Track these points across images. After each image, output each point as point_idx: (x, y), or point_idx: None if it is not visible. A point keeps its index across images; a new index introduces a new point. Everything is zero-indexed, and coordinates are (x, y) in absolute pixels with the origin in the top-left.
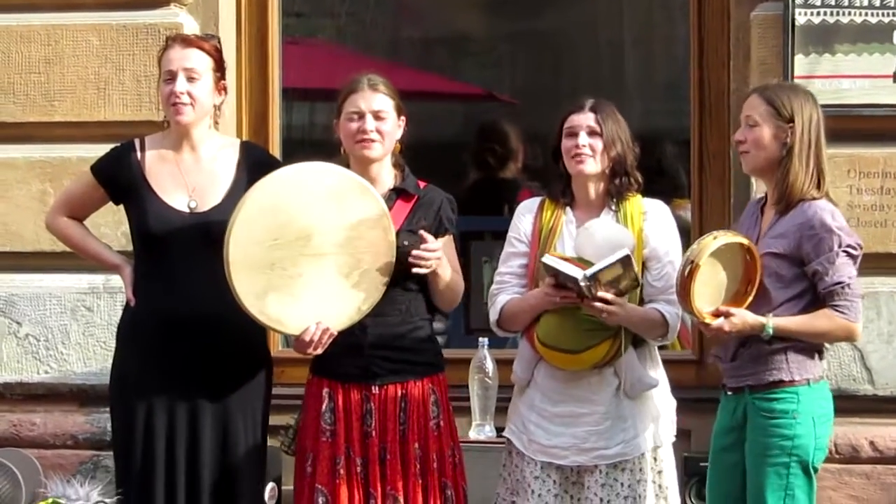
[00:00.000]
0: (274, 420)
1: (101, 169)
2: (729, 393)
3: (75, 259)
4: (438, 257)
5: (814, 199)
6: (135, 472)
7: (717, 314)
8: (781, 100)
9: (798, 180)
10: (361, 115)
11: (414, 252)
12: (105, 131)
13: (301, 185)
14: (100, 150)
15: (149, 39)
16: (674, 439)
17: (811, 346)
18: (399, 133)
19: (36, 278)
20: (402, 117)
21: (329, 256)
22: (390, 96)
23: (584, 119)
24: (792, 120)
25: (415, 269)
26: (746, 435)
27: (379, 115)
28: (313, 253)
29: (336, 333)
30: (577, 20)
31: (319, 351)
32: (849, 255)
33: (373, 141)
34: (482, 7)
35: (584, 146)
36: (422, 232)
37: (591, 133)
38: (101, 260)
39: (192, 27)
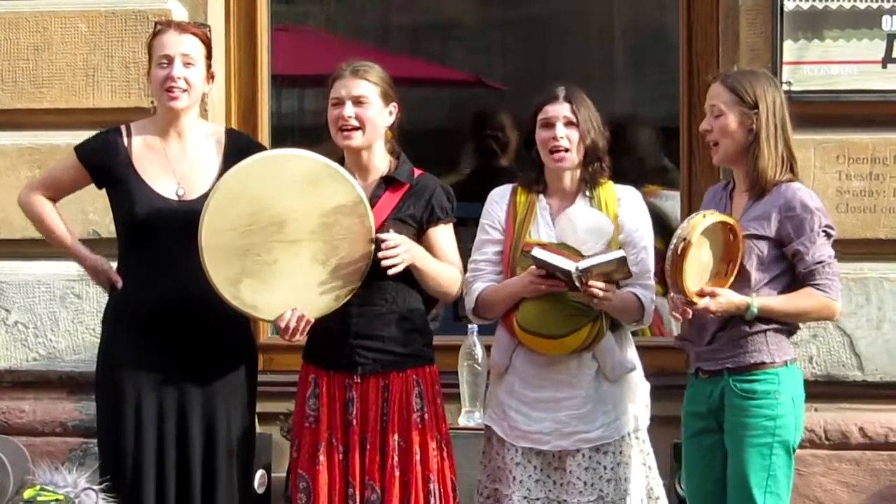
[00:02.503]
0: (265, 407)
1: (86, 152)
2: (703, 376)
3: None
4: (406, 250)
5: (790, 181)
6: (124, 459)
7: (701, 294)
8: (744, 86)
9: (769, 166)
10: (341, 102)
11: (379, 255)
12: (93, 118)
13: (273, 171)
14: (88, 136)
15: (137, 26)
16: (646, 426)
17: (787, 328)
18: (389, 120)
19: (25, 265)
20: (393, 104)
21: (304, 243)
22: (375, 83)
23: (560, 109)
24: (756, 106)
25: (389, 272)
26: (725, 416)
27: (360, 100)
28: (287, 240)
29: (313, 320)
30: (567, 6)
31: (298, 338)
32: (827, 234)
33: (352, 128)
34: None
35: (562, 138)
36: (377, 235)
37: (568, 124)
38: (64, 246)
39: (180, 13)
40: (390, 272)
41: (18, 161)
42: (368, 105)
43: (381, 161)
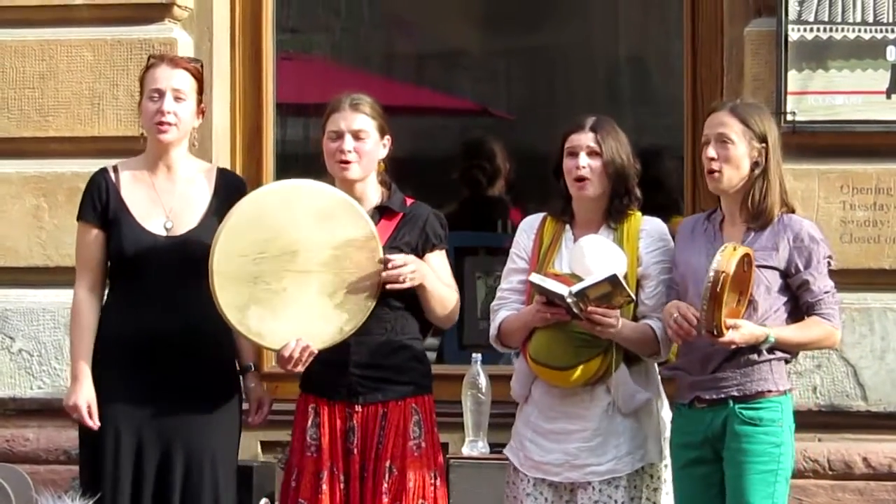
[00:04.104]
0: (269, 436)
1: (84, 208)
2: (701, 406)
3: (69, 274)
4: (413, 270)
5: (791, 212)
6: (102, 494)
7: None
8: (754, 119)
9: (774, 198)
10: (340, 135)
11: (384, 274)
12: (99, 146)
13: (290, 201)
14: (93, 165)
15: (143, 55)
16: (665, 460)
17: (786, 358)
18: (383, 152)
19: (29, 293)
20: (387, 136)
21: (314, 274)
22: (372, 116)
23: (585, 139)
24: (765, 139)
25: (389, 286)
26: (726, 445)
27: (358, 134)
28: (298, 269)
29: (316, 351)
30: (573, 35)
31: (300, 368)
32: (829, 265)
33: (350, 162)
34: (477, 22)
35: (584, 167)
36: (385, 256)
37: (591, 153)
38: (73, 360)
39: (186, 42)
40: (390, 286)
41: (23, 189)
42: (367, 139)
43: (373, 192)
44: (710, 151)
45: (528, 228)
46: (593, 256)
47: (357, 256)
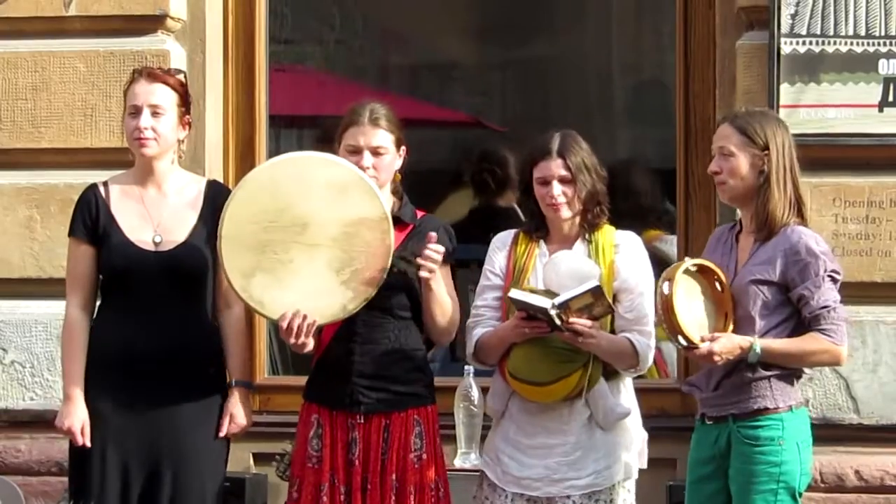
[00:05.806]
0: (262, 448)
1: (75, 225)
2: (709, 422)
3: (61, 286)
4: (437, 260)
5: (797, 224)
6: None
7: (702, 341)
8: (754, 128)
9: (778, 208)
10: (359, 151)
11: (425, 251)
12: (92, 158)
13: (304, 171)
14: (87, 176)
15: (136, 66)
16: (637, 475)
17: (792, 373)
18: (399, 164)
19: (22, 305)
20: (402, 148)
21: (322, 248)
22: (390, 130)
23: (555, 167)
24: (767, 147)
25: (418, 265)
26: (730, 463)
27: (377, 151)
28: (307, 242)
29: (316, 323)
30: (566, 48)
31: (303, 340)
32: (833, 279)
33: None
34: (470, 34)
35: (558, 195)
36: (431, 234)
37: (563, 180)
38: (65, 380)
39: (178, 54)
40: (418, 264)
41: (16, 201)
42: (385, 154)
43: (386, 202)
44: (712, 165)
45: (500, 245)
46: (568, 271)
47: (368, 236)
